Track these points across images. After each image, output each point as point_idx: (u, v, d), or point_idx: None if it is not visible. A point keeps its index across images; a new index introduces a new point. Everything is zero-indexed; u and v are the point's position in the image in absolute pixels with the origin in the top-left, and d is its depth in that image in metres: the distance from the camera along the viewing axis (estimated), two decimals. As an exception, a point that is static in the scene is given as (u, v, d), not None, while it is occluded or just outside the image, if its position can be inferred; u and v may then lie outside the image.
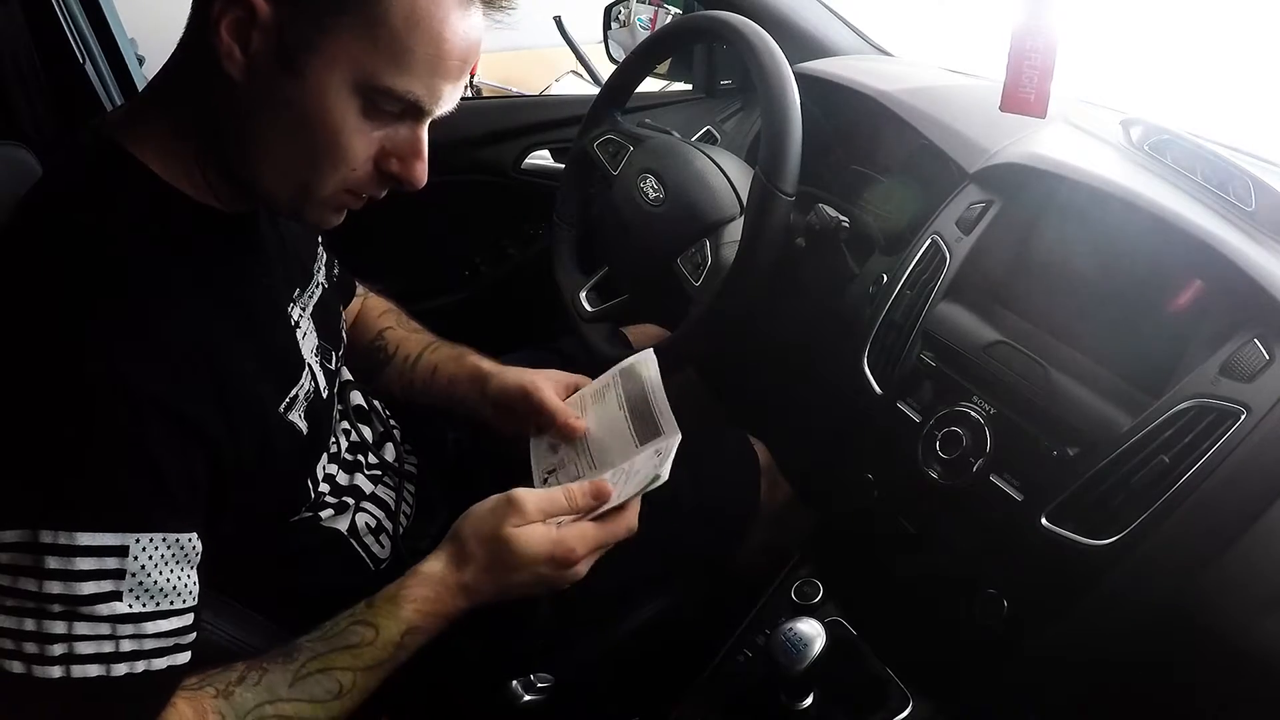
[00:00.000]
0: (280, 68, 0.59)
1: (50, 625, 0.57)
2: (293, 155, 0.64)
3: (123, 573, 0.58)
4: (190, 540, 0.63)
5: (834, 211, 0.98)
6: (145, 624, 0.60)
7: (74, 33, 1.39)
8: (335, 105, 0.61)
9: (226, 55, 0.59)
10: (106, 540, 0.57)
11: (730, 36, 0.97)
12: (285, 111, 0.61)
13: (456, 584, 0.73)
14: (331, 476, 0.86)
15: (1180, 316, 0.76)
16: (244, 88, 0.60)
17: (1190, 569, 0.66)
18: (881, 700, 0.85)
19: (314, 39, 0.59)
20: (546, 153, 1.53)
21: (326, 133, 0.62)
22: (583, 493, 0.76)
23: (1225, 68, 1.70)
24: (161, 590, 0.61)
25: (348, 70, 0.60)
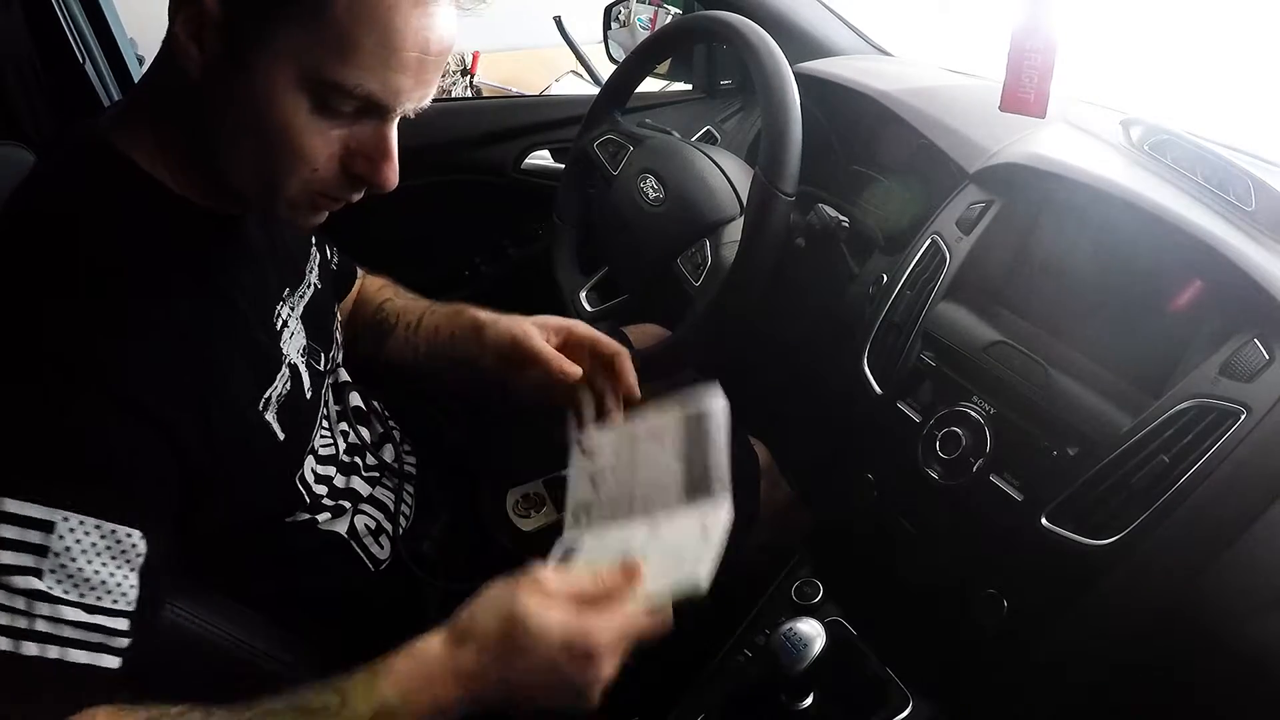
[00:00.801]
0: (232, 66, 0.58)
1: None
2: (254, 154, 0.62)
3: (45, 550, 0.56)
4: (130, 536, 0.59)
5: (834, 211, 0.98)
6: (64, 609, 0.56)
7: (74, 33, 1.39)
8: (284, 102, 0.59)
9: (184, 55, 0.59)
10: (32, 511, 0.55)
11: (730, 36, 0.97)
12: (240, 110, 0.60)
13: (451, 665, 0.61)
14: (328, 478, 0.86)
15: (1180, 316, 0.76)
16: (204, 88, 0.60)
17: (1190, 569, 0.66)
18: (881, 700, 0.85)
19: (259, 34, 0.58)
20: (546, 153, 1.53)
21: (279, 131, 0.60)
22: (612, 574, 0.65)
23: (1225, 68, 1.70)
24: (87, 581, 0.57)
25: (294, 65, 0.58)
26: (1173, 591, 0.67)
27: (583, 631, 0.61)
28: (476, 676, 0.61)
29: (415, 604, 0.90)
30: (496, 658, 0.61)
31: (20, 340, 0.57)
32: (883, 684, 0.86)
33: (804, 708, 0.84)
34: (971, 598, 0.78)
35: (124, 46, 1.49)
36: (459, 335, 0.95)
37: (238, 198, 0.67)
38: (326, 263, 0.94)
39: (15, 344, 0.57)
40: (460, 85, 3.31)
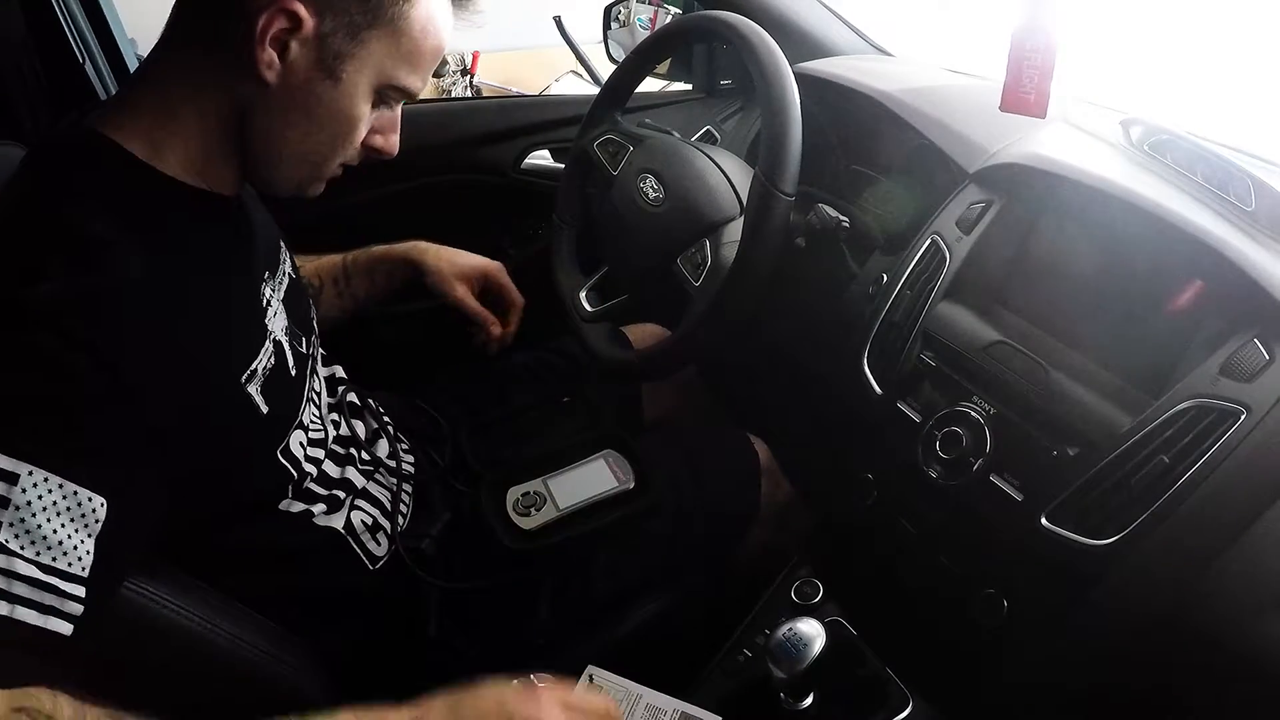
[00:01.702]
0: (319, 73, 0.69)
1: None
2: (314, 144, 0.73)
3: (7, 501, 0.56)
4: (91, 501, 0.59)
5: (834, 211, 0.98)
6: (18, 563, 0.56)
7: (74, 33, 1.39)
8: (360, 102, 0.72)
9: (266, 64, 0.67)
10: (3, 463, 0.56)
11: (730, 36, 0.97)
12: (317, 109, 0.70)
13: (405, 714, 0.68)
14: (318, 460, 0.85)
15: (1180, 316, 0.76)
16: (276, 91, 0.68)
17: (1190, 569, 0.66)
18: (881, 700, 0.85)
19: (349, 48, 0.69)
20: (546, 153, 1.53)
21: (348, 124, 0.73)
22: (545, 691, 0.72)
23: (1225, 68, 1.70)
24: (45, 539, 0.57)
25: (373, 72, 0.71)
26: (1173, 592, 0.67)
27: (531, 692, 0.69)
28: None
29: (414, 603, 0.90)
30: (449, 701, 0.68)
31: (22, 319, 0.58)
32: (883, 684, 0.86)
33: (804, 708, 0.84)
34: (971, 598, 0.78)
35: (124, 46, 1.49)
36: (396, 274, 1.12)
37: (275, 181, 0.76)
38: (292, 260, 0.95)
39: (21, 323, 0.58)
40: (460, 85, 3.31)
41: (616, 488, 0.99)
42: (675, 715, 0.84)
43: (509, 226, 1.58)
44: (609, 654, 0.92)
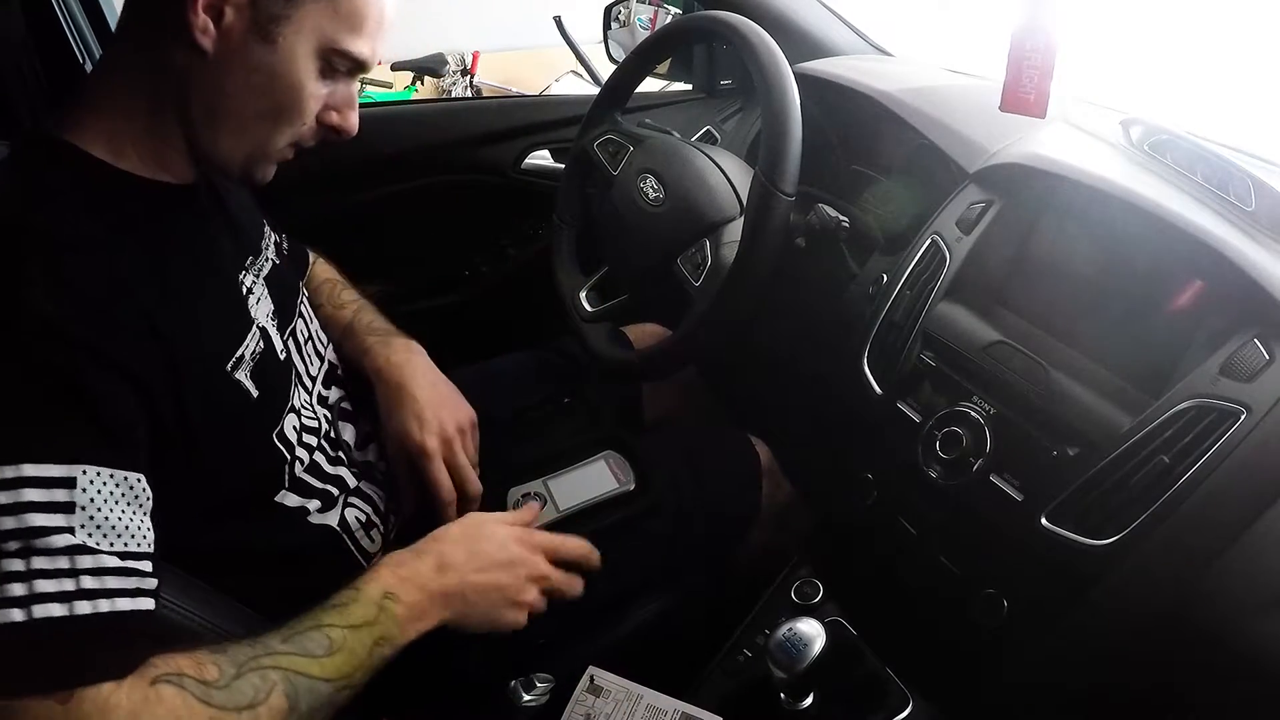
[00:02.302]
0: (255, 38, 0.67)
1: (7, 564, 0.56)
2: (257, 116, 0.71)
3: (72, 505, 0.58)
4: (139, 481, 0.63)
5: (834, 211, 0.98)
6: (104, 559, 0.59)
7: (74, 33, 1.39)
8: (302, 68, 0.70)
9: (201, 30, 0.65)
10: (53, 471, 0.58)
11: (730, 36, 0.97)
12: (255, 76, 0.69)
13: (429, 554, 0.77)
14: (310, 447, 0.85)
15: (1180, 316, 0.76)
16: (214, 59, 0.67)
17: (1190, 569, 0.66)
18: (881, 700, 0.85)
19: (285, 11, 0.67)
20: (546, 153, 1.53)
21: (291, 93, 0.70)
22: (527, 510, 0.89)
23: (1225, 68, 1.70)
24: (114, 528, 0.60)
25: (313, 36, 0.69)
26: (1173, 591, 0.67)
27: (528, 529, 0.84)
28: (449, 557, 0.77)
29: None
30: (465, 542, 0.79)
31: (7, 322, 0.59)
32: (883, 684, 0.86)
33: (804, 708, 0.84)
34: (971, 598, 0.78)
35: (124, 46, 1.49)
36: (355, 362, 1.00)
37: (220, 162, 0.74)
38: (279, 244, 0.96)
39: (6, 325, 0.59)
40: (460, 85, 3.31)
41: (617, 489, 0.99)
42: (676, 715, 0.84)
43: (509, 226, 1.58)
44: (609, 654, 0.93)
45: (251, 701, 0.62)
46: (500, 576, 0.80)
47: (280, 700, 0.64)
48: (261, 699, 0.63)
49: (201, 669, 0.62)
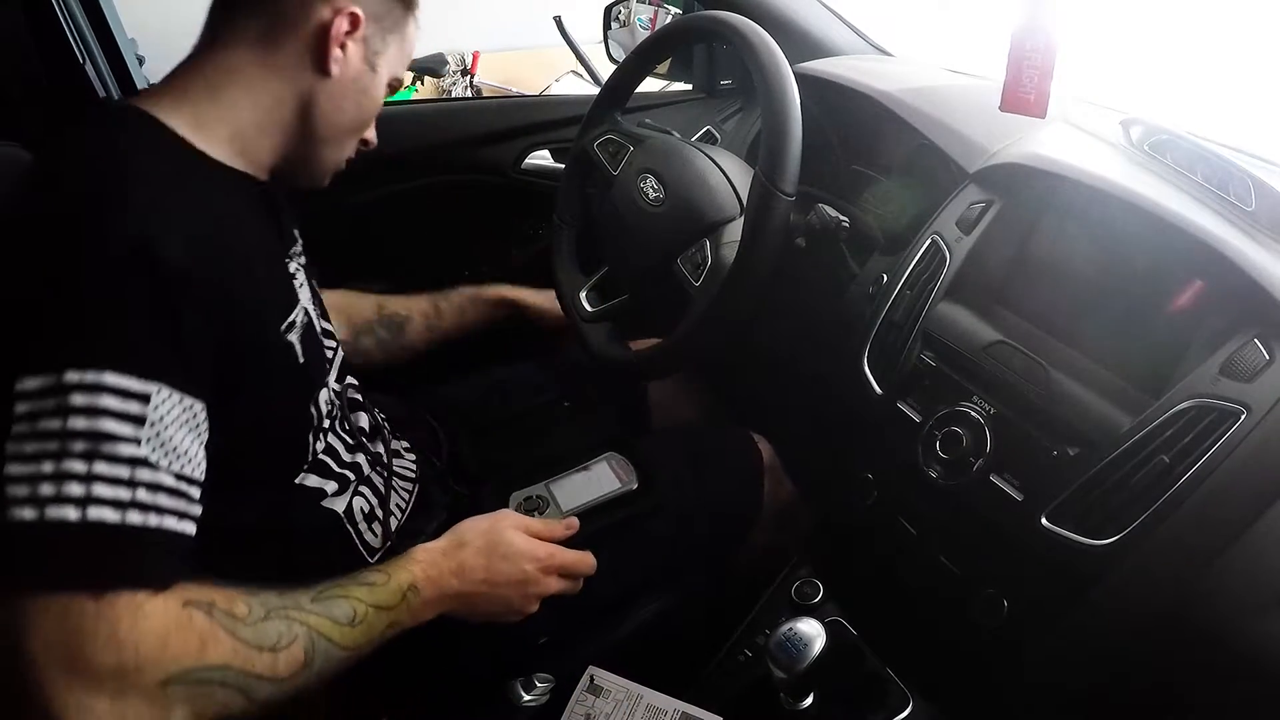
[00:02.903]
0: (365, 67, 0.82)
1: (70, 465, 0.59)
2: (351, 129, 0.86)
3: (143, 419, 0.62)
4: (202, 411, 0.67)
5: (834, 211, 0.98)
6: (162, 476, 0.62)
7: (74, 33, 1.39)
8: (382, 92, 0.86)
9: (335, 59, 0.79)
10: (131, 384, 0.61)
11: (730, 36, 0.97)
12: (361, 97, 0.83)
13: (453, 559, 0.82)
14: (330, 429, 0.88)
15: (1180, 316, 0.76)
16: (335, 81, 0.80)
17: (1190, 569, 0.66)
18: (881, 700, 0.85)
19: (382, 47, 0.83)
20: (546, 153, 1.53)
21: (373, 110, 0.87)
22: (563, 524, 0.92)
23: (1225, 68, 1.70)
24: (175, 450, 0.64)
25: (389, 70, 0.85)
26: (1173, 591, 0.67)
27: (546, 547, 0.87)
28: (468, 570, 0.81)
29: None
30: (484, 558, 0.83)
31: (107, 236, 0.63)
32: (883, 684, 0.86)
33: (804, 708, 0.84)
34: (971, 598, 0.78)
35: (124, 46, 1.49)
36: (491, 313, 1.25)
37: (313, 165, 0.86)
38: None
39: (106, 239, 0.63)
40: (460, 85, 3.31)
41: (620, 489, 0.99)
42: (676, 715, 0.84)
43: (509, 226, 1.58)
44: (609, 654, 0.93)
45: (274, 646, 0.66)
46: (509, 593, 0.84)
47: (299, 653, 0.67)
48: (283, 646, 0.66)
49: (232, 603, 0.65)
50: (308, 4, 0.78)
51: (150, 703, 0.59)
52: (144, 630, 0.59)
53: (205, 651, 0.62)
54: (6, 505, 0.58)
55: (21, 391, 0.60)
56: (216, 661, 0.62)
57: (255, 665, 0.64)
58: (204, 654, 0.62)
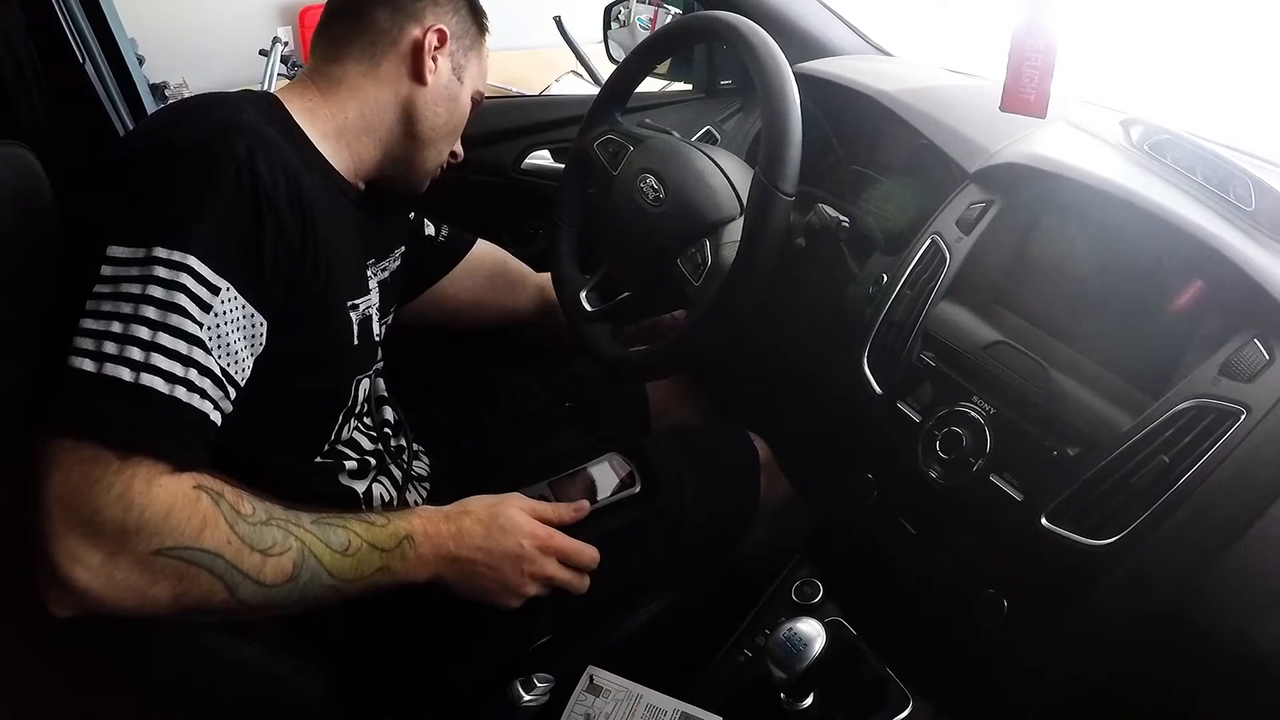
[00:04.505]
0: (453, 77, 0.95)
1: (138, 330, 0.65)
2: (446, 134, 0.98)
3: (210, 308, 0.68)
4: (262, 326, 0.73)
5: (834, 211, 0.98)
6: (213, 364, 0.68)
7: (74, 33, 1.38)
8: (467, 102, 0.99)
9: (429, 69, 0.92)
10: (209, 274, 0.68)
11: (730, 36, 0.97)
12: (452, 104, 0.96)
13: (454, 523, 0.83)
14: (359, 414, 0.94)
15: (1180, 316, 0.76)
16: (429, 88, 0.93)
17: (1190, 569, 0.66)
18: (881, 700, 0.85)
19: (465, 61, 0.97)
20: (546, 153, 1.53)
21: (462, 118, 0.99)
22: (572, 508, 0.92)
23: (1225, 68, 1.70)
24: (229, 349, 0.70)
25: (472, 84, 0.99)
26: (1173, 591, 0.67)
27: (546, 528, 0.88)
28: (467, 536, 0.82)
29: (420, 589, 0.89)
30: (484, 528, 0.84)
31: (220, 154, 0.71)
32: (883, 684, 0.86)
33: (804, 708, 0.84)
34: (971, 598, 0.78)
35: (124, 46, 1.49)
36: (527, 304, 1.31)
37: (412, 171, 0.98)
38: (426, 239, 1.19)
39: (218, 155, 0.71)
40: (460, 85, 3.30)
41: (624, 493, 0.99)
42: (675, 715, 0.84)
43: (509, 226, 1.58)
44: (609, 654, 0.93)
45: (266, 549, 0.68)
46: (505, 567, 0.84)
47: (288, 564, 0.70)
48: (274, 552, 0.69)
49: (239, 500, 0.69)
50: (403, 24, 0.91)
51: (140, 568, 0.62)
52: (153, 497, 0.63)
53: (202, 534, 0.65)
54: (70, 353, 0.64)
55: (111, 257, 0.66)
56: (210, 546, 0.65)
57: (244, 562, 0.67)
58: (200, 536, 0.65)
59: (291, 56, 2.97)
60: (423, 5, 0.93)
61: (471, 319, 1.27)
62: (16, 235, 0.73)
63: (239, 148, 0.72)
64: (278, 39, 2.89)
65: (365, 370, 0.94)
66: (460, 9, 0.97)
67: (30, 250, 0.73)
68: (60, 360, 0.64)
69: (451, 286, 1.23)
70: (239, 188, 0.70)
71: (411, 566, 0.79)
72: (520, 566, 0.85)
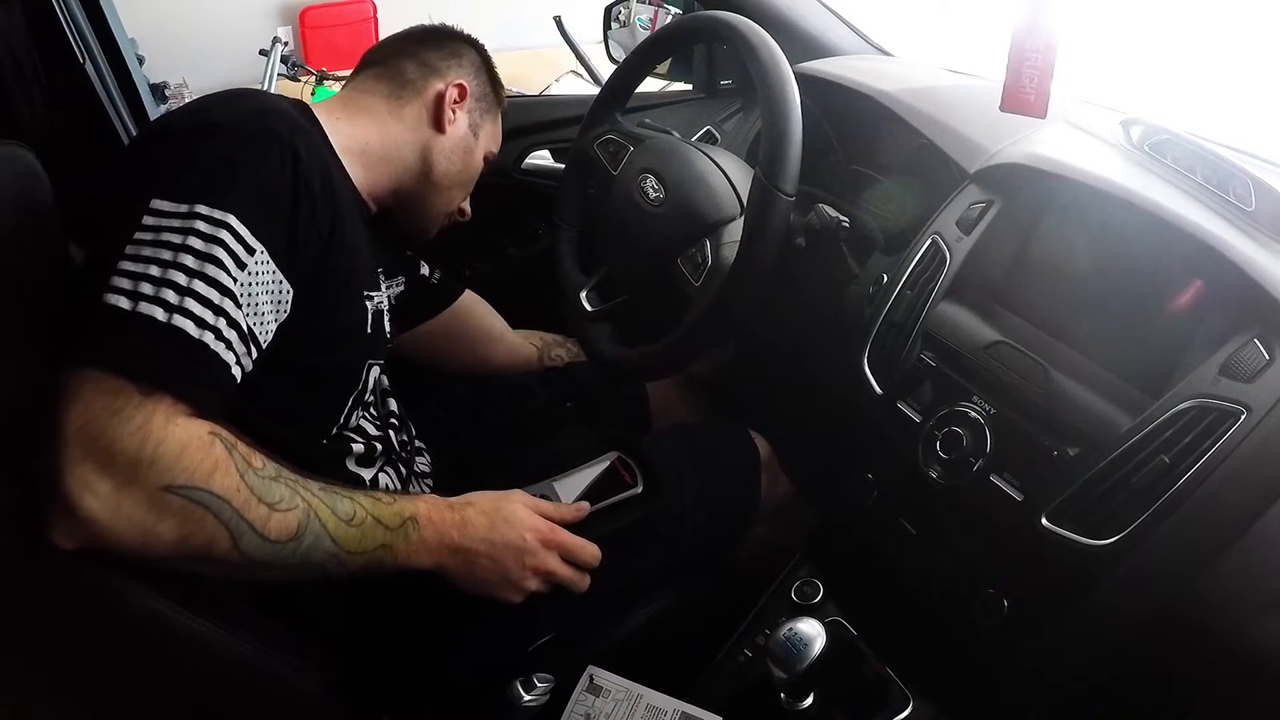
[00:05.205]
0: (469, 131, 1.05)
1: (175, 275, 0.67)
2: (458, 184, 1.07)
3: (244, 266, 0.71)
4: (289, 293, 0.76)
5: (834, 211, 0.98)
6: (240, 319, 0.70)
7: (74, 33, 1.39)
8: (481, 159, 1.09)
9: (449, 120, 1.02)
10: (247, 235, 0.71)
11: (730, 36, 0.97)
12: (466, 155, 1.06)
13: (458, 512, 0.84)
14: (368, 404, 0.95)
15: (1180, 316, 0.76)
16: (447, 137, 1.03)
17: (1190, 569, 0.66)
18: (881, 700, 0.85)
19: (481, 121, 1.08)
20: (546, 153, 1.53)
21: (474, 172, 1.09)
22: (574, 508, 0.94)
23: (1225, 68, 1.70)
24: (256, 309, 0.72)
25: (484, 145, 1.09)
26: (1173, 591, 0.67)
27: (549, 523, 0.88)
28: (470, 525, 0.83)
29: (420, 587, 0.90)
30: (488, 518, 0.85)
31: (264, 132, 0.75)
32: (883, 684, 0.86)
33: (804, 708, 0.84)
34: (971, 598, 0.78)
35: (124, 46, 1.49)
36: None
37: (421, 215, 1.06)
38: (421, 279, 1.20)
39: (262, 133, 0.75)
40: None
41: (626, 494, 0.99)
42: (675, 715, 0.84)
43: (509, 226, 1.58)
44: (609, 654, 0.93)
45: (272, 504, 0.70)
46: (506, 559, 0.84)
47: (292, 522, 0.71)
48: (281, 508, 0.70)
49: (251, 454, 0.70)
50: (429, 77, 1.01)
51: (148, 503, 0.63)
52: (169, 434, 0.64)
53: (212, 478, 0.66)
54: (106, 291, 0.66)
55: (155, 209, 0.69)
56: (219, 490, 0.66)
57: (250, 512, 0.68)
58: (210, 479, 0.66)
59: (291, 56, 2.98)
60: (448, 64, 1.03)
61: (439, 364, 1.28)
62: (17, 235, 0.72)
63: (282, 129, 0.76)
64: (278, 39, 2.89)
65: (377, 357, 0.97)
66: (481, 75, 1.07)
67: (31, 250, 0.73)
68: (94, 297, 0.66)
69: (430, 331, 1.24)
70: (281, 164, 0.75)
71: (414, 550, 0.79)
72: (522, 560, 0.85)
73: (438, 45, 1.05)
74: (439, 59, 1.03)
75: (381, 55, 1.04)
